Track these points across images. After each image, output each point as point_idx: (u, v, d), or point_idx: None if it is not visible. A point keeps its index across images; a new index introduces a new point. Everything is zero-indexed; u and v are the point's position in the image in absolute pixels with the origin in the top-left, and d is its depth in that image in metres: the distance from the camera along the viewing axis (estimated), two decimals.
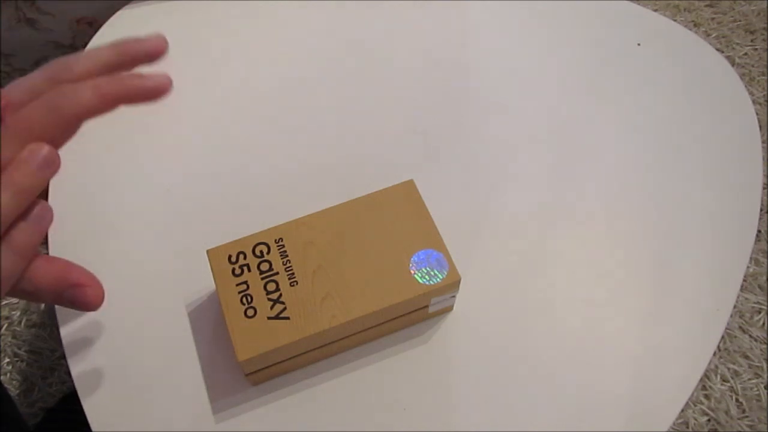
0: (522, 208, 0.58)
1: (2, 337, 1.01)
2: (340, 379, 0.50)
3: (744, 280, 1.08)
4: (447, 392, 0.50)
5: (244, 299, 0.46)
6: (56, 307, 0.53)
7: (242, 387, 0.49)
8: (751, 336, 1.03)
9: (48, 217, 0.35)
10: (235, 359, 0.49)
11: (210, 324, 0.52)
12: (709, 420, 0.97)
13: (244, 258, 0.48)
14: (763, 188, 0.63)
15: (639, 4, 0.72)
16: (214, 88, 0.65)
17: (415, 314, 0.50)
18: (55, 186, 0.59)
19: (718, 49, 1.19)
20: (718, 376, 1.00)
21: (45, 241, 1.14)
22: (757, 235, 0.57)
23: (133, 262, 0.55)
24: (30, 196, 0.33)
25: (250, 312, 0.46)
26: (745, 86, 0.70)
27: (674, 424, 0.95)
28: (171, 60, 0.68)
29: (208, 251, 0.48)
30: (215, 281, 0.47)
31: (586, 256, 0.56)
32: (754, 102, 1.26)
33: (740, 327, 1.04)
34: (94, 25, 0.77)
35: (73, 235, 0.56)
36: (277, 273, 0.47)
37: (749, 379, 1.00)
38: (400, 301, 0.46)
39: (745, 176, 0.60)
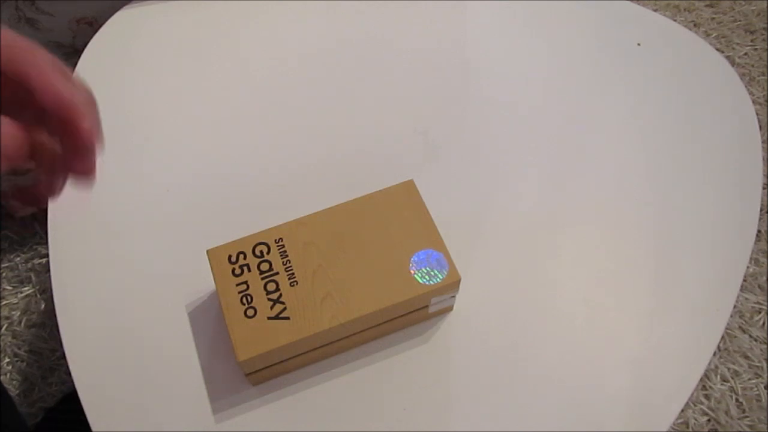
0: (522, 208, 0.58)
1: (2, 337, 1.01)
2: (340, 379, 0.50)
3: (744, 280, 1.07)
4: (447, 392, 0.49)
5: (244, 299, 0.46)
6: (56, 307, 0.53)
7: (242, 387, 0.49)
8: (751, 336, 1.03)
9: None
10: (235, 359, 0.49)
11: (210, 324, 0.52)
12: (709, 420, 0.97)
13: (244, 258, 0.48)
14: (763, 188, 0.63)
15: (639, 4, 0.72)
16: (214, 88, 0.65)
17: (415, 314, 0.50)
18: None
19: (718, 49, 1.19)
20: (718, 376, 1.00)
21: (45, 241, 1.13)
22: (757, 235, 0.57)
23: (132, 262, 0.55)
24: None
25: (250, 312, 0.46)
26: (745, 86, 0.70)
27: (674, 424, 0.95)
28: (171, 60, 0.68)
29: (208, 251, 0.48)
30: (215, 281, 0.47)
31: (586, 256, 0.56)
32: (754, 102, 1.26)
33: (740, 327, 1.04)
34: (94, 25, 0.77)
35: (73, 235, 0.56)
36: (277, 273, 0.47)
37: (749, 379, 1.00)
38: (400, 301, 0.46)
39: (745, 176, 0.60)
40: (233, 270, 0.48)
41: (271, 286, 0.47)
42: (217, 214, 0.58)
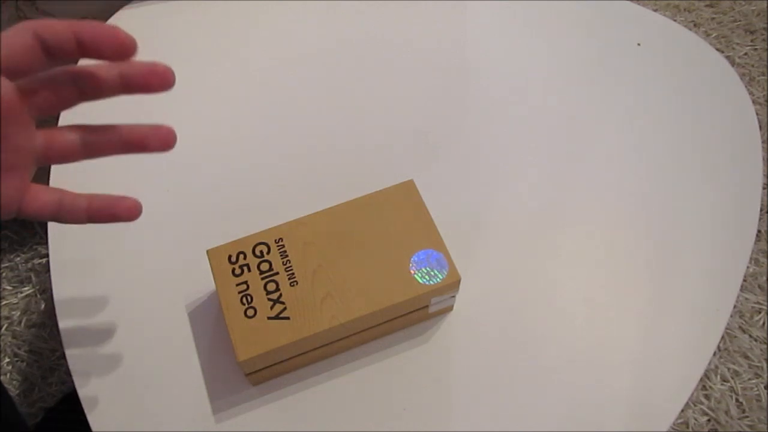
0: (522, 208, 0.58)
1: (2, 337, 1.01)
2: (340, 379, 0.50)
3: (744, 280, 1.08)
4: (447, 392, 0.50)
5: (244, 299, 0.46)
6: (56, 307, 0.53)
7: (242, 387, 0.49)
8: (751, 336, 1.03)
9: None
10: (235, 359, 0.49)
11: (210, 324, 0.52)
12: (709, 420, 0.97)
13: (244, 258, 0.48)
14: (763, 188, 0.63)
15: (639, 4, 0.72)
16: (214, 88, 0.65)
17: (415, 314, 0.50)
18: (55, 186, 0.59)
19: (718, 49, 1.19)
20: (718, 376, 1.00)
21: (45, 241, 1.13)
22: (757, 235, 0.57)
23: (133, 262, 0.55)
24: None
25: (250, 312, 0.46)
26: (745, 86, 0.70)
27: (674, 424, 0.95)
28: (171, 60, 0.68)
29: (208, 251, 0.48)
30: (215, 281, 0.47)
31: (586, 256, 0.56)
32: (754, 102, 1.26)
33: (740, 327, 1.04)
34: None
35: (74, 235, 0.56)
36: (277, 273, 0.47)
37: (749, 379, 1.00)
38: (400, 301, 0.46)
39: (745, 176, 0.60)
40: (233, 270, 0.48)
41: (271, 286, 0.47)
42: (217, 214, 0.58)
